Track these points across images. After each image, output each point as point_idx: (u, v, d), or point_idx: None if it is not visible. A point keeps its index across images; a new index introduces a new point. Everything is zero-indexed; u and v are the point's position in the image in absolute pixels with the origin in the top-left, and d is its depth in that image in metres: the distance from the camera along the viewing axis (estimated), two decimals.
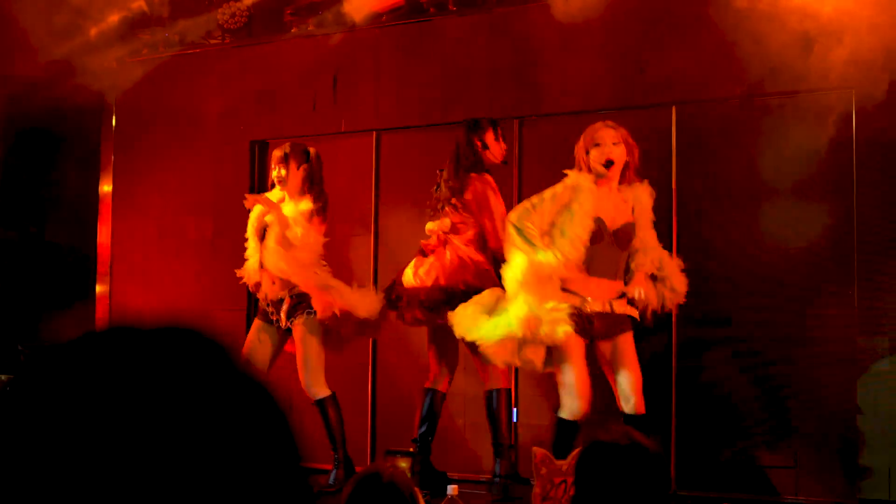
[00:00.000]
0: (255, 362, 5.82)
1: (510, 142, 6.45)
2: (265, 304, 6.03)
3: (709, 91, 6.02)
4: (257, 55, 7.43)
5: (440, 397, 5.94)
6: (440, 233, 5.82)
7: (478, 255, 5.73)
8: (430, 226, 5.86)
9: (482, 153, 5.89)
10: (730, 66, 5.90)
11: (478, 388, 6.31)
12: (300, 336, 5.89)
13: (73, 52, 7.66)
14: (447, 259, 5.76)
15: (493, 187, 5.85)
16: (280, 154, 6.05)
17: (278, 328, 5.99)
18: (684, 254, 5.40)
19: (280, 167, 6.00)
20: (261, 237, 6.04)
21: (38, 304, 7.92)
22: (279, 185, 6.03)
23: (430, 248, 5.86)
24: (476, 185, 5.82)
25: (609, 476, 2.47)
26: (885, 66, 5.41)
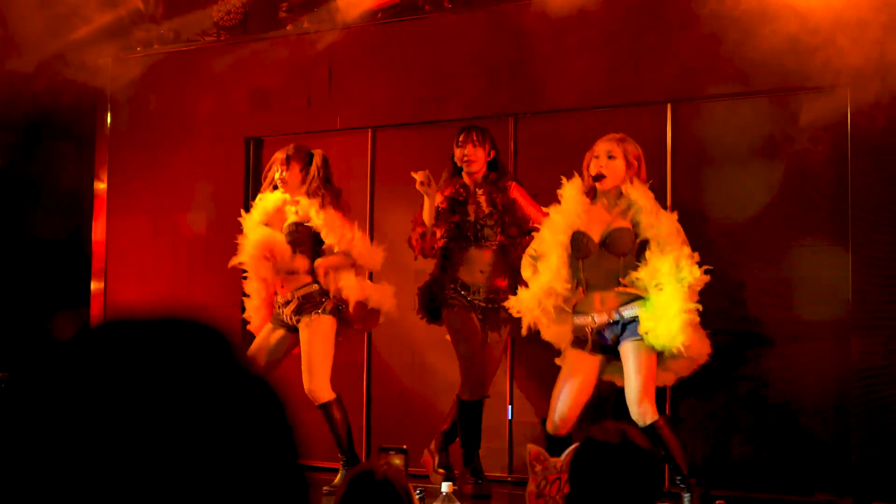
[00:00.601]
0: (261, 361, 5.82)
1: (504, 139, 6.46)
2: (276, 305, 6.04)
3: (704, 89, 6.02)
4: (252, 52, 7.42)
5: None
6: None
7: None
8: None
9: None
10: (725, 65, 5.90)
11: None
12: (306, 337, 5.88)
13: (68, 49, 7.65)
14: None
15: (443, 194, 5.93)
16: (283, 156, 6.04)
17: (288, 330, 5.98)
18: None
19: (282, 168, 5.99)
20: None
21: (32, 302, 7.91)
22: (281, 186, 6.01)
23: None
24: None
25: (603, 474, 2.47)
26: (879, 64, 5.41)
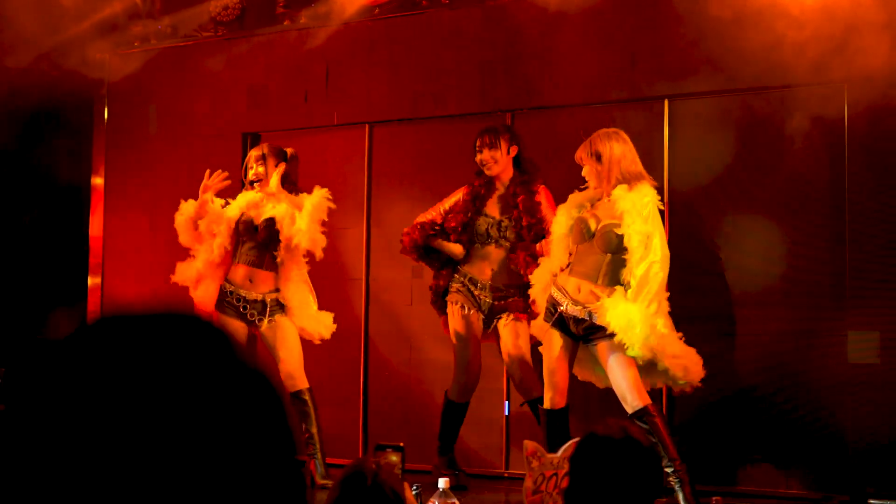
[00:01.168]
0: None
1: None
2: (235, 300, 5.99)
3: (701, 85, 6.02)
4: (249, 48, 7.42)
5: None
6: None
7: None
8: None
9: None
10: (722, 61, 5.90)
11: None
12: (281, 333, 5.89)
13: (65, 45, 7.63)
14: None
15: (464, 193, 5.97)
16: (258, 153, 6.09)
17: (249, 325, 5.97)
18: (675, 248, 5.40)
19: (258, 165, 6.03)
20: (246, 234, 6.02)
21: (29, 297, 7.91)
22: (256, 183, 6.04)
23: None
24: None
25: (604, 469, 2.48)
26: (876, 62, 5.42)
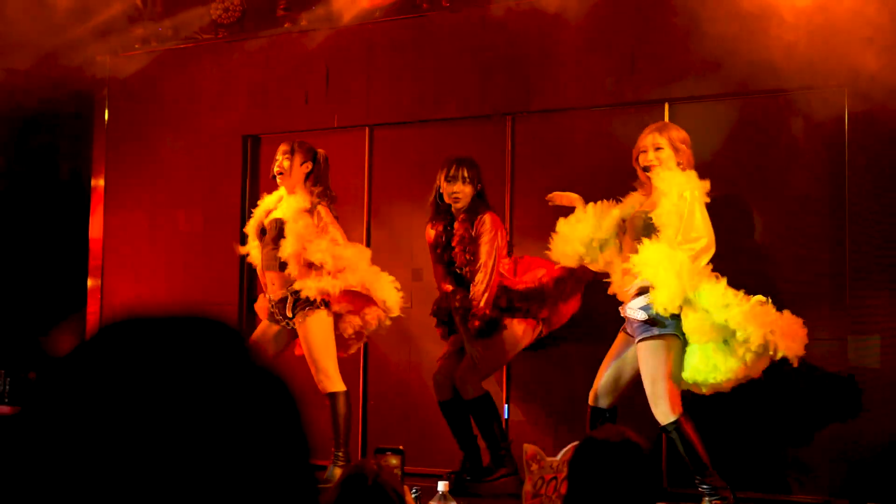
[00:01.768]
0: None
1: (501, 138, 6.47)
2: (270, 304, 6.03)
3: (701, 89, 6.02)
4: (250, 50, 7.42)
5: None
6: None
7: None
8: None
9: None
10: (722, 65, 5.90)
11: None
12: (304, 333, 5.88)
13: (66, 47, 7.64)
14: None
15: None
16: (287, 147, 6.03)
17: (285, 327, 5.99)
18: None
19: (284, 158, 5.99)
20: (259, 237, 6.05)
21: (30, 298, 7.91)
22: (279, 177, 6.00)
23: None
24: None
25: (602, 473, 2.47)
26: (877, 64, 5.41)
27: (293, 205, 5.93)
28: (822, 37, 5.53)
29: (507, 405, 6.33)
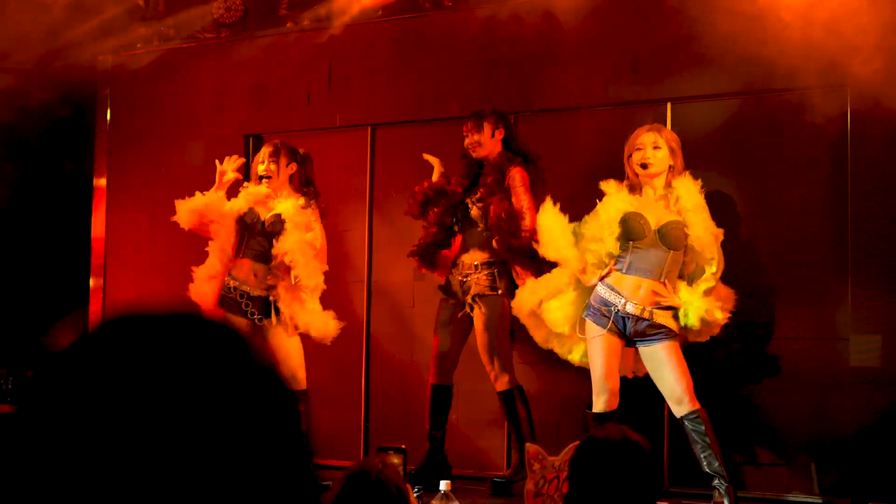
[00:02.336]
0: None
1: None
2: (238, 296, 5.99)
3: (704, 88, 6.02)
4: (252, 49, 7.42)
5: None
6: None
7: None
8: None
9: None
10: (725, 64, 5.90)
11: (472, 383, 6.31)
12: (283, 331, 5.88)
13: (68, 46, 7.64)
14: None
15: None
16: (271, 149, 6.06)
17: (253, 323, 5.96)
18: None
19: (270, 161, 6.01)
20: (245, 225, 6.02)
21: (31, 298, 7.91)
22: (265, 179, 6.02)
23: None
24: None
25: (602, 472, 2.47)
26: (880, 63, 5.41)
27: (293, 203, 5.94)
28: (824, 36, 5.52)
29: None
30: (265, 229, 5.94)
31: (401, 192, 6.60)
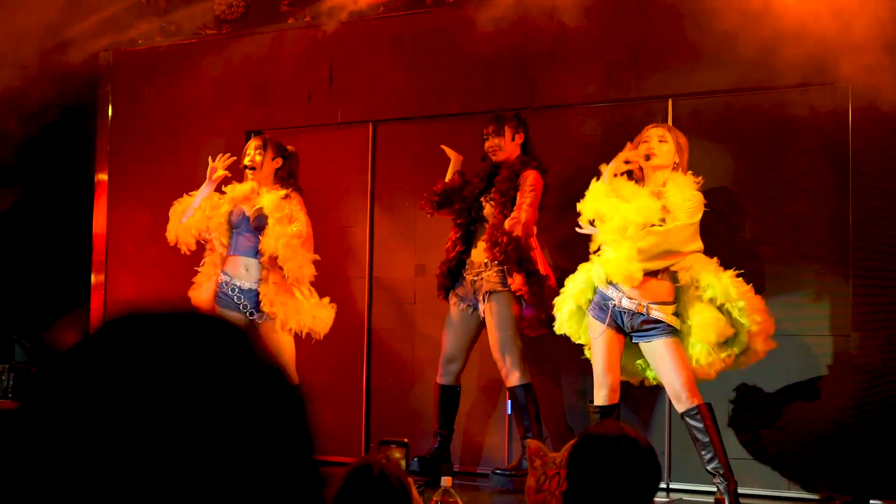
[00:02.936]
0: None
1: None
2: (230, 290, 5.99)
3: (705, 84, 6.01)
4: (253, 46, 7.42)
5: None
6: None
7: None
8: None
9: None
10: (726, 60, 5.89)
11: (474, 380, 6.32)
12: (268, 329, 5.89)
13: (69, 42, 7.64)
14: None
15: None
16: (259, 142, 6.08)
17: (245, 316, 5.97)
18: None
19: (256, 153, 6.03)
20: (233, 224, 6.04)
21: (33, 294, 7.92)
22: (250, 171, 6.04)
23: None
24: None
25: (600, 469, 2.47)
26: (881, 61, 5.41)
27: (273, 197, 5.97)
28: (825, 32, 5.51)
29: (509, 401, 6.33)
30: (251, 225, 5.97)
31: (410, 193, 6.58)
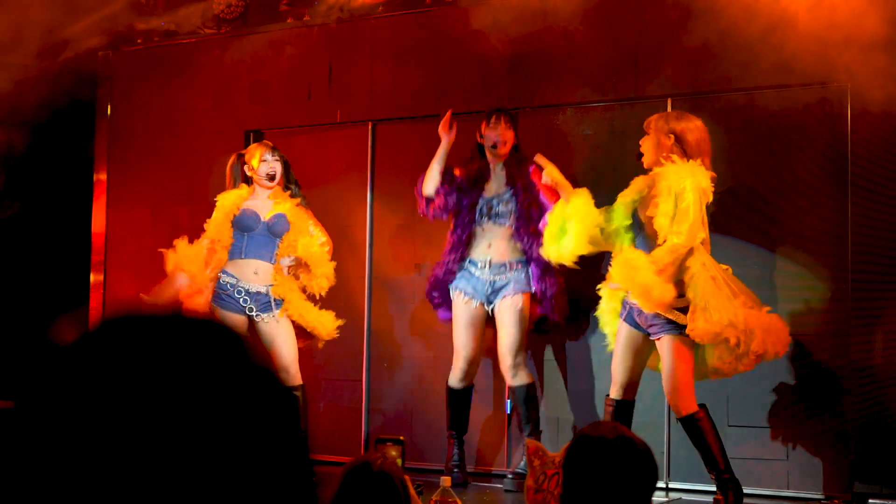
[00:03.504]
0: None
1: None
2: (236, 293, 5.99)
3: (704, 84, 6.01)
4: (252, 45, 7.42)
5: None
6: None
7: None
8: None
9: (480, 143, 6.07)
10: (725, 60, 5.89)
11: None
12: (277, 331, 5.92)
13: (68, 41, 7.64)
14: None
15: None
16: (270, 148, 6.05)
17: (249, 319, 5.98)
18: None
19: (273, 160, 6.00)
20: (241, 230, 6.04)
21: (32, 294, 7.92)
22: (271, 180, 6.01)
23: None
24: None
25: (596, 470, 2.47)
26: (881, 60, 5.40)
27: (292, 204, 6.01)
28: (824, 33, 5.51)
29: (508, 400, 6.33)
30: (269, 229, 5.96)
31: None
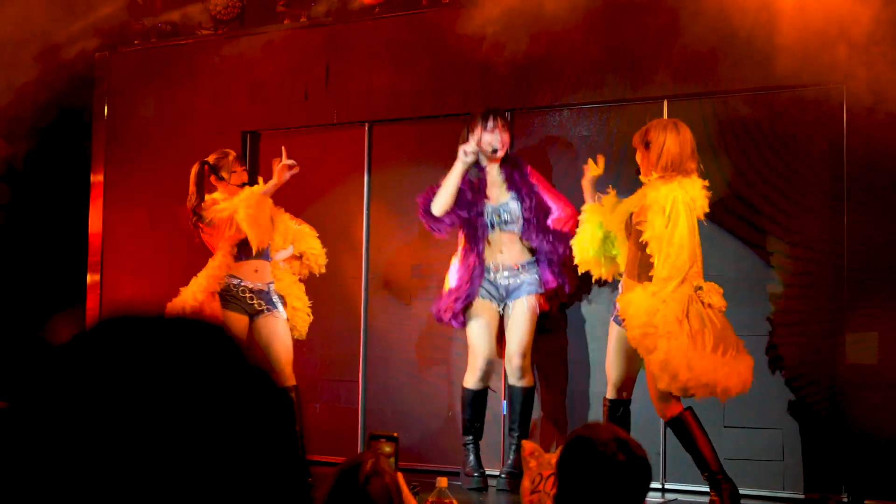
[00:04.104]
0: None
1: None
2: (241, 292, 6.06)
3: (700, 86, 6.01)
4: (249, 46, 7.41)
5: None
6: None
7: None
8: None
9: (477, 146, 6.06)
10: (721, 62, 5.89)
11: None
12: (275, 328, 6.02)
13: (65, 42, 7.63)
14: None
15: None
16: (235, 156, 6.31)
17: (253, 317, 6.04)
18: None
19: (241, 168, 6.24)
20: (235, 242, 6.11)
21: (28, 294, 7.91)
22: (243, 186, 6.20)
23: None
24: None
25: (590, 471, 2.47)
26: (876, 62, 5.41)
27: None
28: (820, 34, 5.52)
29: (504, 401, 6.33)
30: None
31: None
